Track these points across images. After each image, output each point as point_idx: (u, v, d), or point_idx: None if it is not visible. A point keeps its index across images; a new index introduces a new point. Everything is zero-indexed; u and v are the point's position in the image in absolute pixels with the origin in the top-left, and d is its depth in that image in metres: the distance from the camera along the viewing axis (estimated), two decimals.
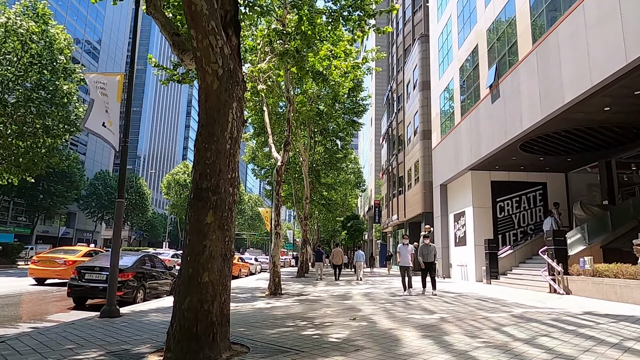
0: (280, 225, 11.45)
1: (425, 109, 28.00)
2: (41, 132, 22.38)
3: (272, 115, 18.36)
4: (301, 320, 6.39)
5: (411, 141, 30.73)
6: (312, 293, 11.53)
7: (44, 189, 50.15)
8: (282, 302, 9.26)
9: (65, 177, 51.74)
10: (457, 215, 19.93)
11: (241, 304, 8.73)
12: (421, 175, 27.76)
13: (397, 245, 34.64)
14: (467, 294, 11.20)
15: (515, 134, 13.43)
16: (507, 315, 6.78)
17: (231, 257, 4.41)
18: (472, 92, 17.55)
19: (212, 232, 4.19)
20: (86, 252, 15.66)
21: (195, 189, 4.32)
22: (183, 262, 4.22)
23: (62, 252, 16.15)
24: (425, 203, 27.07)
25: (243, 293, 11.47)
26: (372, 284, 16.16)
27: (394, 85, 36.89)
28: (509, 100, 13.92)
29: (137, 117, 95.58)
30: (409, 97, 32.37)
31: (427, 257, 10.81)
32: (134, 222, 73.64)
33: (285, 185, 30.12)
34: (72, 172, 52.67)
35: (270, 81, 15.15)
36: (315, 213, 42.31)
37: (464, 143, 18.15)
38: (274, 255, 11.24)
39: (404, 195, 32.47)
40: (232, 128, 4.52)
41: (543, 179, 18.40)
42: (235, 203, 4.52)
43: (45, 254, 16.68)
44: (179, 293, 4.16)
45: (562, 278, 10.60)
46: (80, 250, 16.25)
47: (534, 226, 18.07)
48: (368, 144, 59.70)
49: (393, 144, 37.69)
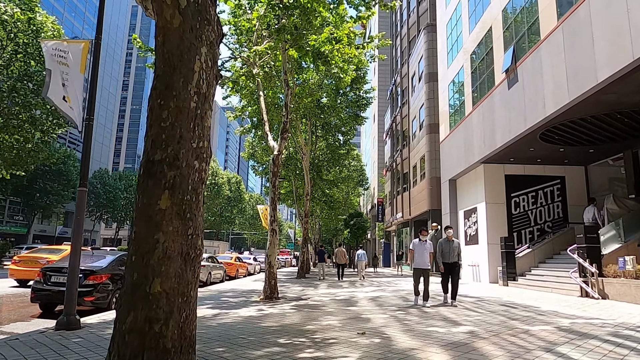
0: (277, 221, 10.24)
1: (431, 102, 26.72)
2: (28, 125, 21.25)
3: (271, 107, 17.16)
4: (297, 335, 5.18)
5: (416, 136, 29.47)
6: (313, 297, 10.31)
7: (39, 188, 49.09)
8: (278, 308, 8.05)
9: (62, 175, 50.70)
10: (468, 212, 18.67)
11: (229, 311, 7.51)
12: (427, 170, 26.49)
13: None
14: (487, 299, 9.96)
15: (536, 121, 12.17)
16: (551, 328, 5.54)
17: (197, 257, 3.19)
18: (485, 79, 16.28)
19: (168, 221, 2.98)
20: None
21: (145, 162, 3.11)
22: (127, 265, 3.01)
23: (45, 251, 15.06)
24: (432, 200, 25.81)
25: (235, 297, 10.26)
26: (377, 286, 14.93)
27: (398, 78, 35.62)
28: (529, 84, 12.66)
29: (137, 116, 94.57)
30: (413, 90, 31.09)
31: (449, 256, 8.51)
32: None
33: (286, 182, 28.91)
34: (69, 170, 51.64)
35: (267, 67, 13.94)
36: (317, 211, 41.12)
37: (476, 134, 16.89)
38: (269, 254, 10.02)
39: (408, 193, 31.21)
40: (200, 81, 3.31)
41: (561, 172, 17.11)
42: (204, 183, 3.30)
43: (27, 253, 15.57)
44: (120, 308, 2.95)
45: (597, 280, 9.35)
46: (65, 250, 15.09)
47: (551, 223, 16.79)
48: (371, 141, 58.45)
49: (397, 139, 36.41)
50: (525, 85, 12.89)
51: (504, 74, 14.33)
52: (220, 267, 17.74)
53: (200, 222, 3.22)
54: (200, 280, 15.78)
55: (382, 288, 13.50)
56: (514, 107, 13.55)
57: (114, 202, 62.76)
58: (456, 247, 8.65)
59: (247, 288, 13.33)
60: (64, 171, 51.26)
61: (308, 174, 21.09)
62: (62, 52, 6.38)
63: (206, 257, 16.83)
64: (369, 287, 13.83)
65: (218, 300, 9.36)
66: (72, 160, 53.43)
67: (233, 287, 13.99)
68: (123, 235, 79.44)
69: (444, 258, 8.60)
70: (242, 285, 14.67)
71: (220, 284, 15.81)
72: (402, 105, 34.33)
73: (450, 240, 8.73)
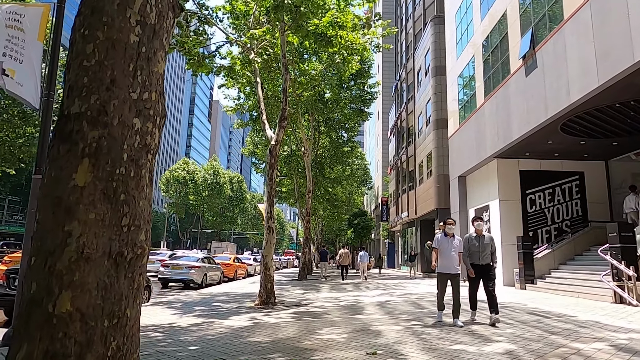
0: (274, 218, 9.23)
1: (438, 96, 25.66)
2: (17, 119, 20.38)
3: (271, 100, 16.18)
4: (292, 354, 4.17)
5: (423, 132, 28.41)
6: (314, 302, 9.30)
7: None
8: (273, 316, 7.05)
9: None
10: (479, 210, 17.59)
11: (215, 321, 6.52)
12: (435, 168, 25.43)
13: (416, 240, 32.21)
14: (509, 305, 8.92)
15: (559, 109, 11.10)
16: (606, 346, 4.51)
17: (137, 258, 2.18)
18: (498, 67, 15.22)
19: (88, 205, 1.97)
20: None
21: (59, 119, 2.12)
22: (25, 273, 2.01)
23: None
24: (440, 198, 24.74)
25: (228, 302, 9.26)
26: (384, 289, 13.89)
27: (403, 74, 34.56)
28: (551, 69, 11.59)
29: None
30: (419, 85, 30.03)
31: (480, 257, 6.48)
32: None
33: (287, 180, 27.94)
34: None
35: (266, 54, 12.95)
36: (320, 211, 40.10)
37: (489, 127, 15.83)
38: (266, 255, 9.02)
39: (414, 191, 30.14)
40: (147, 7, 2.30)
41: (580, 167, 16.02)
42: (153, 152, 2.30)
43: (18, 253, 14.68)
44: (12, 338, 1.95)
45: (635, 285, 8.28)
46: None
47: (570, 222, 15.70)
48: (375, 139, 57.38)
49: (402, 136, 35.34)
50: (546, 71, 11.83)
51: (521, 61, 13.27)
52: (217, 268, 16.77)
53: (144, 208, 2.22)
54: (194, 282, 14.85)
55: (389, 292, 12.46)
56: (533, 96, 12.48)
57: None
58: (488, 243, 6.56)
59: (243, 291, 12.34)
60: None
61: (310, 170, 20.09)
62: (17, 16, 5.41)
63: (201, 257, 15.88)
64: (375, 291, 12.80)
65: (208, 306, 8.37)
66: None
67: (229, 289, 13.01)
68: None
69: (473, 259, 6.51)
70: (238, 288, 13.68)
71: (217, 287, 14.84)
72: (407, 101, 33.28)
73: (481, 236, 6.65)
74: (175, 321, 6.45)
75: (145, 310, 7.62)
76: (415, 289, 13.94)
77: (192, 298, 9.92)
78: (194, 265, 14.81)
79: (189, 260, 15.24)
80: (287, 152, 25.51)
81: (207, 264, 15.77)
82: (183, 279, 14.63)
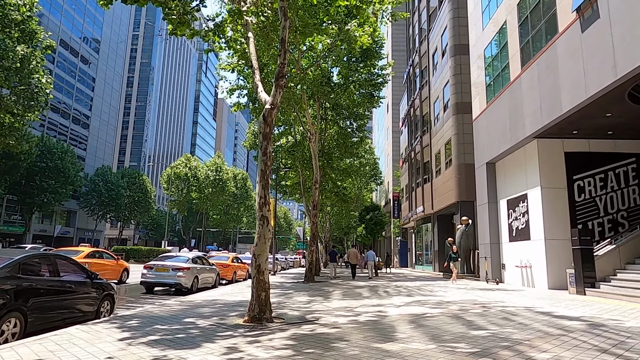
0: (269, 205, 6.92)
1: (458, 77, 23.21)
2: None
3: (266, 52, 13.75)
4: None
5: (440, 119, 25.95)
6: (324, 317, 6.98)
7: (36, 185, 46.64)
8: (263, 344, 4.75)
9: (60, 172, 48.20)
10: (514, 200, 15.15)
11: (172, 356, 4.23)
12: (454, 157, 22.98)
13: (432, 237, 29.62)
14: (587, 318, 6.54)
15: (635, 65, 8.64)
16: None
17: None
18: (541, 29, 12.75)
19: None
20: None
21: None
22: None
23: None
24: (461, 190, 22.29)
25: (209, 316, 6.97)
26: (408, 294, 11.52)
27: (416, 58, 32.06)
28: (622, 15, 9.13)
29: (142, 113, 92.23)
30: (435, 68, 27.56)
31: None
32: (138, 220, 69.92)
33: (292, 172, 25.64)
34: (66, 167, 49.12)
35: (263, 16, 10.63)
36: (327, 208, 37.76)
37: (527, 102, 13.38)
38: (258, 254, 6.71)
39: (430, 184, 27.69)
40: None
41: (637, 148, 13.52)
42: None
43: None
44: None
45: None
46: (83, 251, 14.28)
47: (626, 212, 13.22)
48: (384, 133, 54.86)
49: (415, 126, 32.88)
50: (614, 20, 9.36)
51: (574, 14, 10.81)
52: (212, 269, 14.53)
53: None
54: (183, 286, 12.59)
55: (417, 299, 10.10)
56: (593, 55, 10.03)
57: (117, 201, 60.13)
58: None
59: (236, 298, 10.06)
60: (62, 168, 48.82)
61: (317, 159, 17.76)
62: None
63: (192, 257, 13.65)
64: (398, 297, 10.45)
65: (178, 324, 6.10)
66: (71, 157, 50.94)
67: (219, 296, 10.74)
68: (128, 235, 76.98)
69: None
70: (232, 294, 11.41)
71: (210, 291, 12.61)
72: (421, 87, 30.80)
73: None
74: (113, 355, 4.19)
75: (88, 332, 5.38)
76: (445, 293, 11.56)
77: (167, 310, 7.67)
78: (182, 267, 12.59)
79: (177, 261, 13.02)
80: (292, 142, 23.22)
81: (199, 264, 13.54)
82: (169, 283, 12.42)
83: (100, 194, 59.22)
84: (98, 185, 59.46)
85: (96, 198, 59.55)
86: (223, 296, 10.65)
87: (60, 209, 59.61)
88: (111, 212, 62.07)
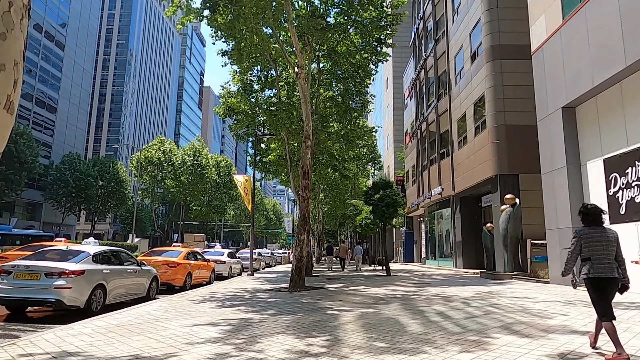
0: None
1: (494, 13, 17.63)
2: None
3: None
4: None
5: (465, 74, 20.36)
6: None
7: None
8: None
9: (12, 156, 41.71)
10: (618, 161, 9.62)
11: None
12: (490, 117, 17.42)
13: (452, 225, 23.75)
14: None
15: None
16: None
17: None
18: None
19: None
20: None
21: None
22: None
23: None
24: (501, 159, 16.78)
25: None
26: (502, 324, 5.92)
27: (430, 7, 26.32)
28: None
29: (119, 99, 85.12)
30: (456, 12, 21.94)
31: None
32: (115, 213, 63.39)
33: (275, 142, 19.85)
34: (21, 151, 42.69)
35: None
36: (320, 196, 32.07)
37: None
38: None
39: (450, 159, 22.16)
40: None
41: None
42: None
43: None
44: None
45: None
46: None
47: None
48: (384, 112, 49.25)
49: (427, 91, 27.26)
50: None
51: None
52: (136, 273, 8.75)
53: None
54: (65, 304, 6.72)
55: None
56: None
57: (86, 191, 53.56)
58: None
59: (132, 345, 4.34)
60: (15, 152, 42.33)
61: (308, 103, 11.99)
62: None
63: (94, 252, 7.83)
64: (500, 338, 4.83)
65: None
66: (26, 139, 44.46)
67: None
68: (102, 230, 70.38)
69: None
70: (140, 322, 5.68)
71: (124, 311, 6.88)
72: (436, 42, 25.14)
73: None
74: None
75: None
76: (576, 320, 6.01)
77: None
78: (64, 271, 6.84)
79: (58, 262, 7.24)
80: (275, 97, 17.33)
81: (105, 265, 7.78)
82: (38, 298, 6.73)
83: (67, 183, 52.64)
84: (64, 174, 52.90)
85: (63, 188, 52.98)
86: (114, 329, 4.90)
87: (22, 200, 53.13)
88: (81, 204, 55.62)
